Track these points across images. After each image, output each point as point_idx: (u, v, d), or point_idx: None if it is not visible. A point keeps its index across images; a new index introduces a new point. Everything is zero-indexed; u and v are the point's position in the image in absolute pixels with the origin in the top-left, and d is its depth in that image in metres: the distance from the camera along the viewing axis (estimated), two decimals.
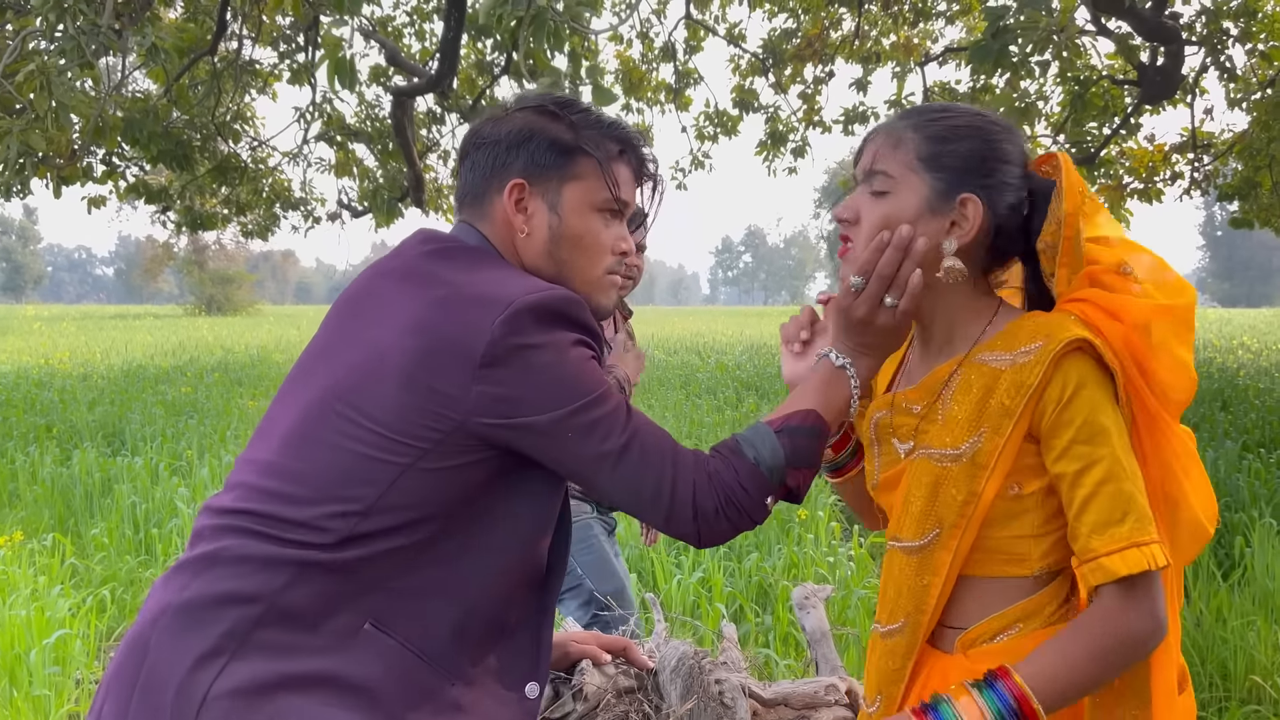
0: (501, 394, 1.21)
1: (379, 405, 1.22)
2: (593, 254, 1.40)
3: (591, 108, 1.42)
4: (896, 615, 1.34)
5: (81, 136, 6.38)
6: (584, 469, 1.26)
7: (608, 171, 1.38)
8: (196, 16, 9.83)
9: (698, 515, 1.25)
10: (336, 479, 1.22)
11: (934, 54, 11.81)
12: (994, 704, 1.15)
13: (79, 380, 11.69)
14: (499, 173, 1.37)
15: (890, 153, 1.30)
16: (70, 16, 5.69)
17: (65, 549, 4.51)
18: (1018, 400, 1.22)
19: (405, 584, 1.23)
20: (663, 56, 11.81)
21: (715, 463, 1.28)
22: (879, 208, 1.29)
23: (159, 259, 55.77)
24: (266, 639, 1.17)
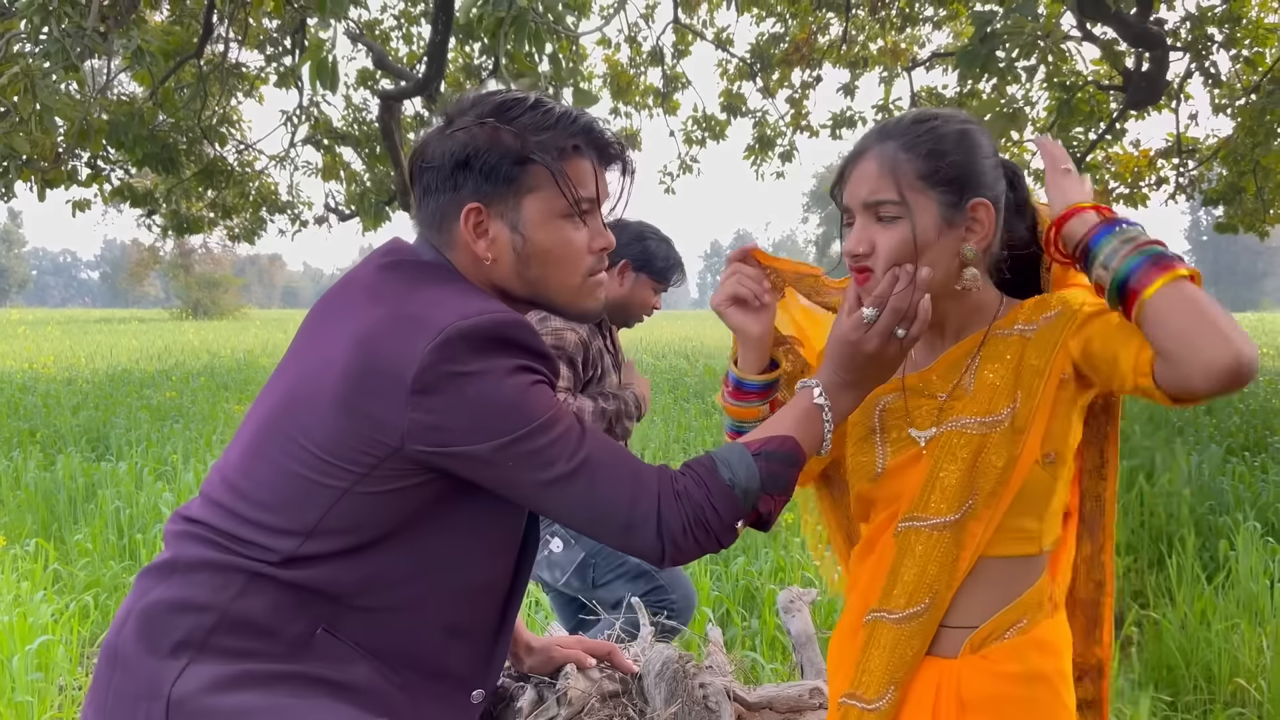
0: (435, 423, 1.16)
1: (317, 427, 1.20)
2: (567, 264, 1.33)
3: (537, 101, 1.31)
4: (918, 598, 1.34)
5: (66, 139, 6.34)
6: (529, 496, 1.22)
7: (562, 177, 1.29)
8: (183, 19, 9.79)
9: (661, 532, 1.20)
10: (278, 501, 1.21)
11: (921, 59, 11.86)
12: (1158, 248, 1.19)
13: (63, 384, 11.62)
14: (452, 199, 1.29)
15: (889, 179, 1.31)
16: (55, 19, 5.67)
17: (49, 555, 4.47)
18: (1045, 358, 1.30)
19: (356, 600, 1.23)
20: (651, 60, 11.83)
21: (686, 481, 1.23)
22: (893, 235, 1.30)
23: (145, 263, 55.54)
24: (223, 644, 1.18)
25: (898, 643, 1.36)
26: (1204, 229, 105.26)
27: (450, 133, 1.29)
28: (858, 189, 1.33)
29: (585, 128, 1.32)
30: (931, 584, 1.33)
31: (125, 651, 1.20)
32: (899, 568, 1.37)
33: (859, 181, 1.33)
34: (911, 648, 1.35)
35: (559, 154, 1.28)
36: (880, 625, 1.38)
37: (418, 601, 1.26)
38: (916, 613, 1.34)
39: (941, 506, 1.33)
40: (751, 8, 11.17)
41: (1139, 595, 4.56)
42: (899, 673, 1.36)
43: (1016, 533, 1.34)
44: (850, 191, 1.34)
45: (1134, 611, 4.18)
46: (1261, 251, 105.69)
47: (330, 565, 1.21)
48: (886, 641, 1.36)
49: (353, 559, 1.21)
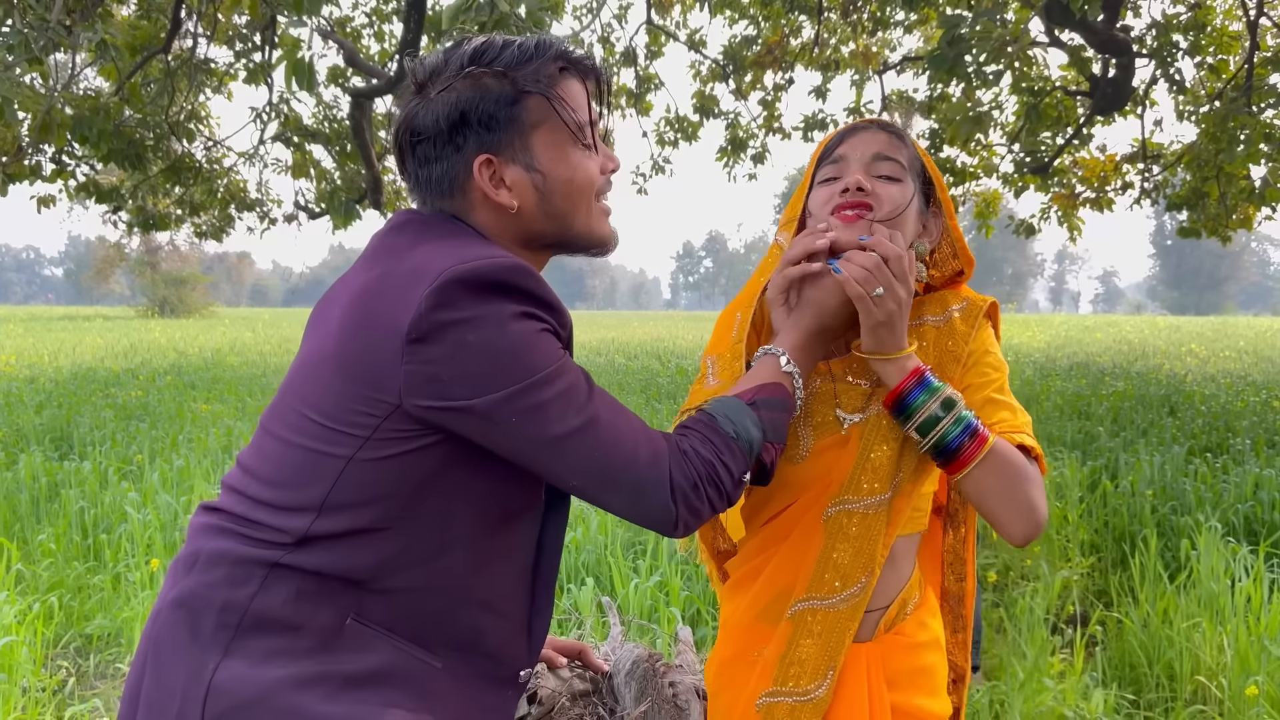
0: (432, 373, 1.11)
1: (319, 394, 1.17)
2: (585, 190, 1.28)
3: (505, 40, 1.25)
4: (851, 579, 1.36)
5: (30, 134, 6.25)
6: (533, 456, 1.15)
7: (561, 104, 1.24)
8: (150, 14, 9.67)
9: (675, 496, 1.15)
10: (285, 477, 1.18)
11: (892, 62, 11.96)
12: (967, 417, 1.31)
13: (25, 383, 11.44)
14: (458, 159, 1.23)
15: (898, 148, 1.39)
16: (18, 12, 5.59)
17: (11, 555, 4.41)
18: (962, 346, 1.41)
19: (378, 583, 1.19)
20: (624, 61, 11.83)
21: (691, 438, 1.19)
22: (894, 190, 1.37)
23: (110, 260, 54.84)
24: (251, 646, 1.15)
25: (834, 626, 1.36)
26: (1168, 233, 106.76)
27: (434, 96, 1.23)
28: (867, 145, 1.39)
29: (561, 51, 1.27)
30: (868, 563, 1.36)
31: (165, 640, 1.18)
32: (830, 551, 1.37)
33: (868, 141, 1.39)
34: (849, 629, 1.37)
35: (549, 81, 1.24)
36: (811, 613, 1.37)
37: (441, 580, 1.21)
38: (853, 594, 1.36)
39: (875, 486, 1.36)
40: (724, 10, 11.22)
41: (1102, 595, 4.62)
42: (837, 656, 1.36)
43: (916, 511, 1.44)
44: (855, 147, 1.39)
45: (1097, 611, 4.23)
46: (1224, 256, 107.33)
47: (345, 546, 1.16)
48: (821, 628, 1.36)
49: (367, 539, 1.16)
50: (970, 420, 1.30)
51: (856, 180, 1.35)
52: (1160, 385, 11.06)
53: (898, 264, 1.28)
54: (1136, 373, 12.76)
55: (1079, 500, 5.52)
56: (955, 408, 1.31)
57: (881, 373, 1.34)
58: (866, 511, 1.37)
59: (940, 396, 1.31)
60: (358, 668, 1.17)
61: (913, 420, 1.32)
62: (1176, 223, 11.62)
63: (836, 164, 1.40)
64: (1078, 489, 5.60)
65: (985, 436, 1.30)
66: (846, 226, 1.33)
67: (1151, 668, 3.63)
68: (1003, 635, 4.06)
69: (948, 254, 1.52)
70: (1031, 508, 1.29)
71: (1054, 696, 3.28)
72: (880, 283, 1.27)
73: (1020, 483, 1.29)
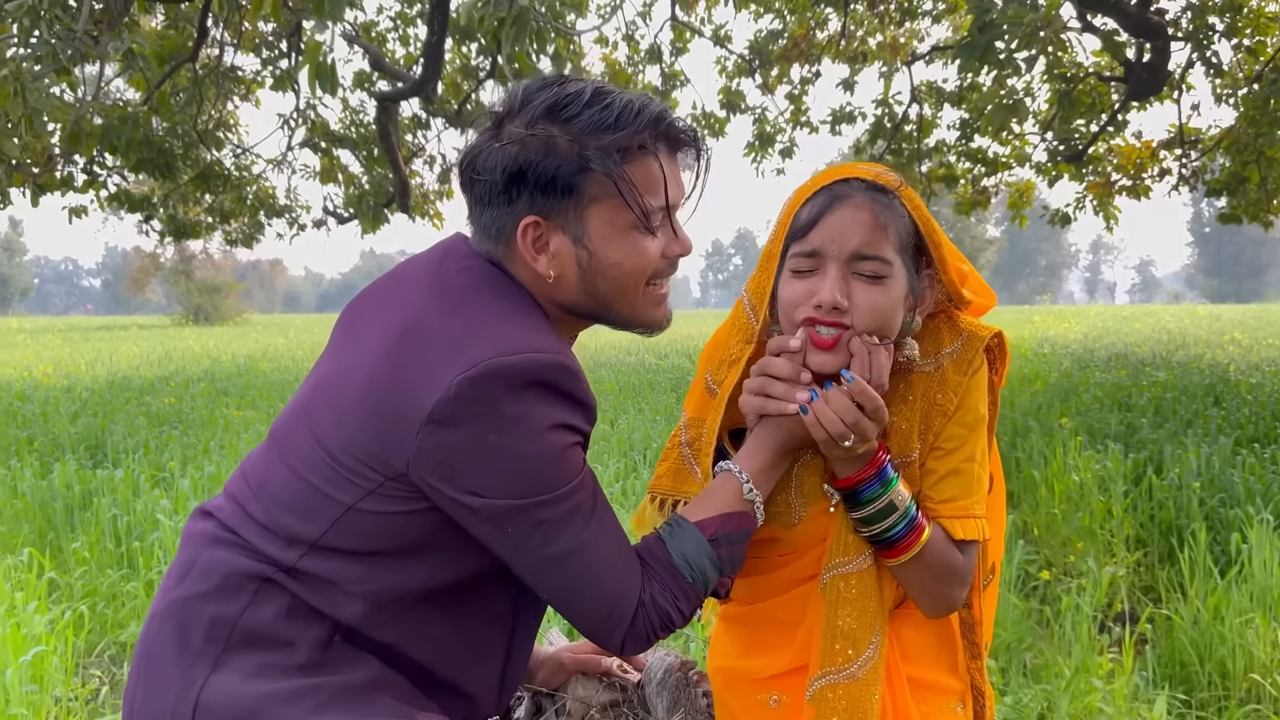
0: (444, 458, 1.08)
1: (334, 431, 1.14)
2: (634, 278, 1.21)
3: (595, 95, 1.16)
4: (863, 643, 1.30)
5: (60, 144, 6.30)
6: (514, 560, 1.15)
7: (628, 187, 1.16)
8: (178, 23, 9.74)
9: (627, 641, 1.19)
10: (287, 507, 1.17)
11: (920, 53, 11.80)
12: (911, 511, 1.29)
13: (62, 392, 11.56)
14: (508, 211, 1.17)
15: (883, 235, 1.25)
16: (45, 23, 5.62)
17: (43, 564, 4.42)
18: (951, 399, 1.32)
19: (363, 619, 1.18)
20: (649, 59, 11.78)
21: (652, 586, 1.19)
22: (877, 294, 1.24)
23: (146, 269, 55.55)
24: (240, 661, 1.13)
25: (858, 699, 1.29)
26: (1207, 220, 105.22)
27: (502, 145, 1.16)
28: (846, 236, 1.24)
29: (651, 120, 1.17)
30: (874, 620, 1.31)
31: (155, 651, 1.18)
32: (835, 620, 1.32)
33: (849, 227, 1.24)
34: (873, 696, 1.30)
35: (622, 156, 1.15)
36: (831, 689, 1.30)
37: (420, 630, 1.21)
38: (869, 657, 1.30)
39: (864, 545, 1.33)
40: (749, 4, 11.13)
41: (1150, 591, 4.50)
42: None
43: None
44: (831, 236, 1.24)
45: (1146, 608, 4.12)
46: (1265, 242, 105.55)
47: (328, 591, 1.16)
48: (845, 703, 1.29)
49: (350, 589, 1.16)
50: (913, 514, 1.28)
51: (832, 299, 1.22)
52: (1203, 375, 10.83)
53: (876, 414, 1.22)
54: (1178, 362, 12.52)
55: (1123, 494, 5.38)
56: (903, 503, 1.28)
57: (835, 465, 1.29)
58: (861, 570, 1.32)
59: (892, 493, 1.28)
60: (348, 679, 1.15)
61: (861, 510, 1.28)
62: (1215, 209, 11.39)
63: (811, 257, 1.25)
64: (1122, 482, 5.46)
65: (921, 530, 1.29)
66: (823, 354, 1.24)
67: (1203, 666, 3.51)
68: (1048, 634, 3.96)
69: (942, 298, 1.39)
70: (947, 600, 1.33)
71: (1103, 697, 3.17)
72: (854, 435, 1.22)
73: (941, 579, 1.31)
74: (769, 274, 1.33)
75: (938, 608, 1.34)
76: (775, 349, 1.28)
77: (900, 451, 1.34)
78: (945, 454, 1.33)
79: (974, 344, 1.33)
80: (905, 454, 1.34)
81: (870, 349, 1.23)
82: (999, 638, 3.83)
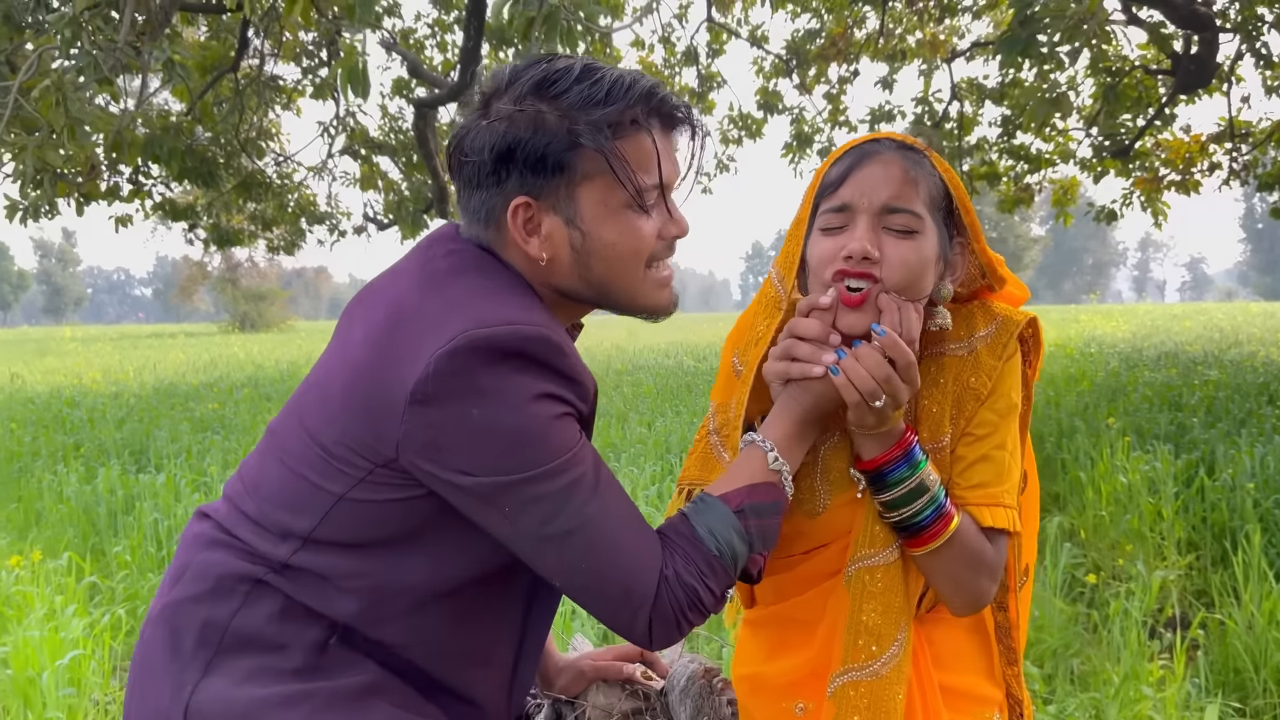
0: (431, 438, 1.03)
1: (324, 423, 1.12)
2: (631, 259, 1.16)
3: (585, 70, 1.12)
4: (887, 639, 1.25)
5: (104, 153, 6.39)
6: (518, 545, 1.08)
7: (620, 163, 1.11)
8: (219, 34, 9.88)
9: (654, 626, 1.09)
10: (279, 501, 1.14)
11: (961, 49, 11.64)
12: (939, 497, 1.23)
13: (110, 399, 11.75)
14: (497, 193, 1.13)
15: (914, 189, 1.22)
16: (86, 34, 5.70)
17: (83, 568, 4.46)
18: (985, 383, 1.28)
19: (360, 616, 1.14)
20: (685, 60, 11.74)
21: (676, 561, 1.10)
22: (909, 247, 1.21)
23: (194, 278, 56.51)
24: (232, 665, 1.11)
25: (880, 697, 1.24)
26: (1259, 216, 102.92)
27: (489, 122, 1.12)
28: (876, 188, 1.21)
29: (643, 95, 1.13)
30: (899, 615, 1.26)
31: (148, 657, 1.16)
32: (859, 614, 1.26)
33: (879, 181, 1.22)
34: (897, 695, 1.25)
35: (614, 131, 1.11)
36: (853, 687, 1.25)
37: (420, 634, 1.16)
38: (893, 654, 1.25)
39: (890, 537, 1.27)
40: (786, 4, 11.05)
41: (1202, 595, 4.37)
42: None
43: None
44: (861, 189, 1.22)
45: (1199, 613, 4.00)
46: None
47: (325, 587, 1.12)
48: (866, 701, 1.24)
49: (346, 585, 1.12)
50: (941, 500, 1.23)
51: (862, 249, 1.19)
52: (1257, 373, 10.55)
53: (907, 370, 1.17)
54: (1230, 361, 12.20)
55: (1174, 495, 5.23)
56: (932, 486, 1.22)
57: (860, 446, 1.24)
58: (888, 564, 1.26)
59: (921, 474, 1.22)
60: (343, 684, 1.11)
61: (887, 493, 1.22)
62: (1268, 204, 11.10)
63: (841, 212, 1.23)
64: (1172, 484, 5.31)
65: (950, 518, 1.23)
66: (853, 312, 1.20)
67: (1258, 672, 3.38)
68: (1096, 640, 3.85)
69: (975, 275, 1.36)
70: (976, 595, 1.26)
71: (1153, 705, 3.07)
72: (886, 393, 1.16)
73: (970, 571, 1.24)
74: (797, 241, 1.31)
75: (966, 603, 1.27)
76: (805, 308, 1.23)
77: (932, 436, 1.29)
78: (976, 440, 1.28)
79: (1008, 328, 1.29)
80: (937, 439, 1.29)
81: (900, 304, 1.19)
82: (1044, 644, 3.73)
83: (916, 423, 1.30)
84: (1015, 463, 1.29)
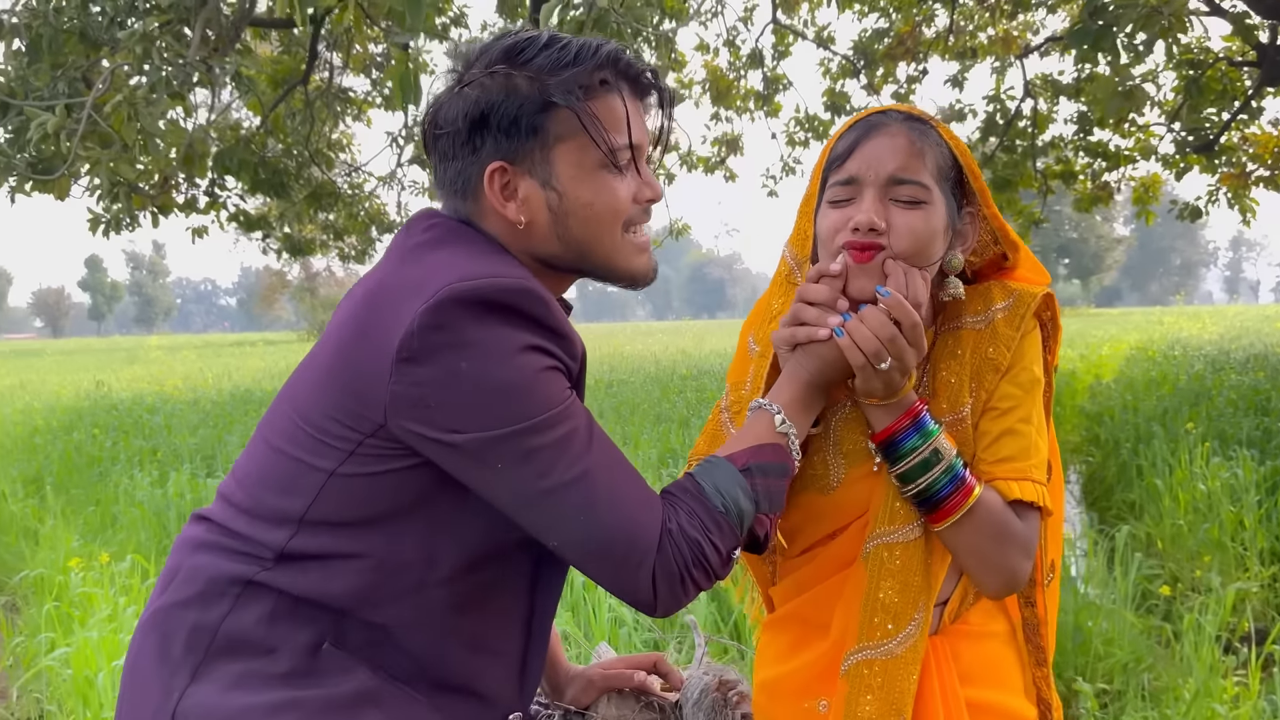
0: (419, 397, 1.02)
1: (311, 401, 1.10)
2: (608, 220, 1.16)
3: (552, 38, 1.14)
4: (904, 619, 1.22)
5: (177, 165, 6.56)
6: (513, 505, 1.05)
7: (591, 120, 1.12)
8: (291, 49, 10.10)
9: (657, 578, 1.04)
10: (270, 485, 1.12)
11: (1034, 45, 11.35)
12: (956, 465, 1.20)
13: (188, 405, 12.08)
14: (473, 161, 1.14)
15: (920, 161, 1.23)
16: (157, 51, 5.86)
17: (148, 570, 4.56)
18: (1003, 353, 1.27)
19: (358, 612, 1.10)
20: (750, 63, 11.65)
21: (679, 515, 1.06)
22: (914, 220, 1.22)
23: (275, 288, 57.98)
24: (220, 670, 1.08)
25: (894, 676, 1.22)
26: None
27: (460, 90, 1.14)
28: (883, 160, 1.22)
29: (610, 58, 1.14)
30: (917, 595, 1.23)
31: (138, 663, 1.15)
32: (876, 591, 1.24)
33: (885, 153, 1.22)
34: (911, 676, 1.22)
35: (584, 93, 1.12)
36: (867, 665, 1.23)
37: (423, 616, 1.13)
38: (909, 634, 1.22)
39: (911, 514, 1.24)
40: (853, 4, 10.90)
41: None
42: (904, 709, 1.22)
43: None
44: (867, 161, 1.23)
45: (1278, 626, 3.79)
46: None
47: (322, 570, 1.09)
48: (880, 680, 1.22)
49: (344, 565, 1.09)
50: (959, 470, 1.20)
51: (869, 220, 1.20)
52: None
53: (913, 331, 1.15)
54: None
55: (1257, 504, 5.00)
56: (946, 454, 1.19)
57: (871, 417, 1.22)
58: (907, 541, 1.23)
59: (933, 442, 1.19)
60: (335, 692, 1.07)
61: (900, 464, 1.19)
62: None
63: (848, 185, 1.24)
64: (1255, 492, 5.07)
65: (970, 489, 1.20)
66: (859, 269, 1.20)
67: None
68: (1168, 654, 3.68)
69: (988, 241, 1.37)
70: (1009, 572, 1.22)
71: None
72: (891, 354, 1.14)
73: (998, 545, 1.21)
74: (808, 217, 1.32)
75: (1000, 582, 1.22)
76: (814, 275, 1.22)
77: (951, 407, 1.27)
78: (1000, 414, 1.26)
79: (1025, 300, 1.29)
80: (956, 410, 1.27)
81: (905, 269, 1.19)
82: (1114, 657, 3.59)
83: (934, 395, 1.28)
84: (1042, 440, 1.27)
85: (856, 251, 1.20)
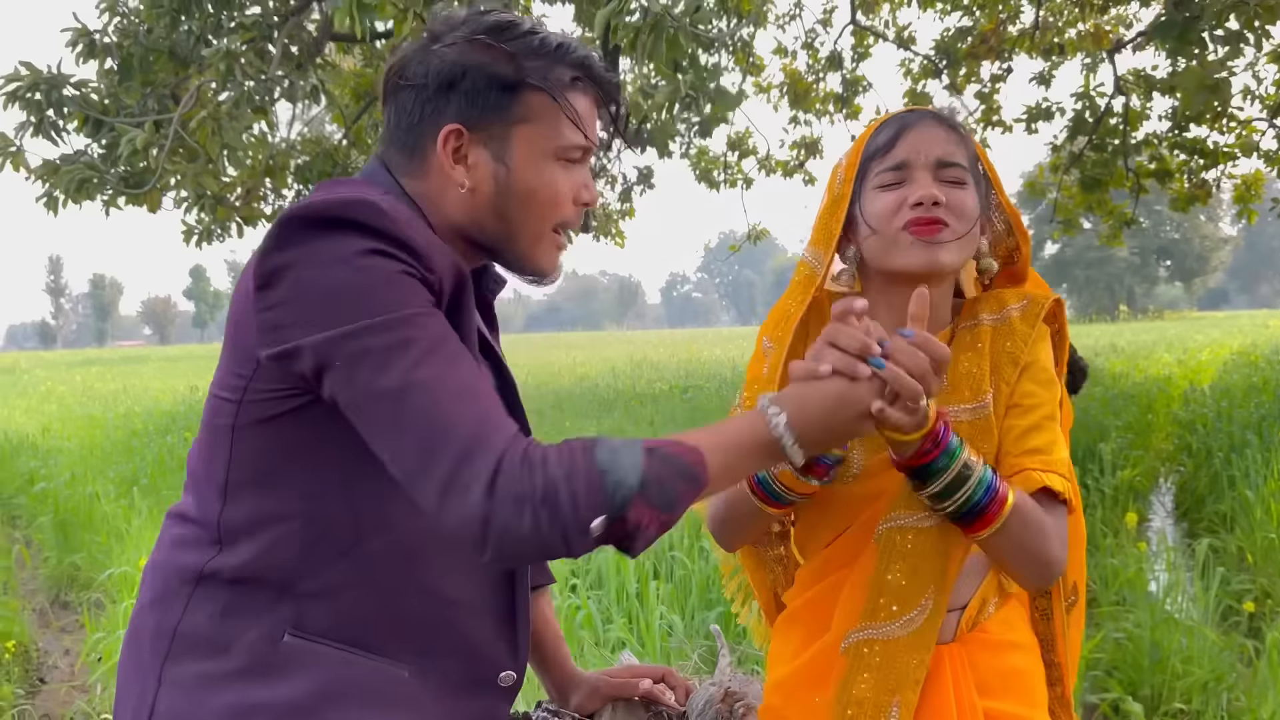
0: (274, 319, 1.01)
1: (220, 368, 1.12)
2: (547, 209, 1.17)
3: (538, 28, 1.16)
4: (910, 602, 1.22)
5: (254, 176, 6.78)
6: (356, 412, 0.99)
7: (568, 109, 1.15)
8: (372, 62, 10.34)
9: (490, 500, 0.92)
10: (201, 460, 1.13)
11: (1126, 40, 10.97)
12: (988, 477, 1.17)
13: None
14: (430, 119, 1.14)
15: (961, 148, 1.29)
16: (240, 68, 6.06)
17: None
18: (1021, 347, 1.29)
19: (304, 582, 1.08)
20: (829, 66, 11.52)
21: (549, 450, 0.97)
22: (965, 197, 1.27)
23: None
24: (181, 671, 1.08)
25: (894, 657, 1.21)
26: None
27: (436, 49, 1.15)
28: (930, 146, 1.27)
29: (584, 60, 1.17)
30: (926, 581, 1.23)
31: (121, 670, 1.17)
32: (884, 573, 1.24)
33: (930, 140, 1.27)
34: (912, 661, 1.21)
35: (557, 86, 1.15)
36: (868, 644, 1.23)
37: (372, 569, 1.09)
38: (914, 618, 1.21)
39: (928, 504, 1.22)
40: (935, 3, 10.70)
41: None
42: (902, 691, 1.21)
43: None
44: (916, 146, 1.27)
45: None
46: None
47: (258, 541, 1.07)
48: (880, 659, 1.22)
49: (277, 529, 1.07)
50: (990, 480, 1.17)
51: (931, 194, 1.23)
52: None
53: (943, 366, 1.08)
54: None
55: None
56: (975, 467, 1.17)
57: (894, 445, 1.14)
58: (921, 527, 1.21)
59: (962, 458, 1.15)
60: (294, 697, 1.05)
61: (932, 485, 1.15)
62: None
63: (898, 170, 1.27)
64: None
65: (1005, 496, 1.17)
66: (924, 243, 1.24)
67: None
68: (1252, 673, 3.51)
69: (1002, 233, 1.41)
70: (1046, 563, 1.21)
71: None
72: (929, 394, 1.07)
73: (1036, 540, 1.19)
74: (837, 217, 1.33)
75: (1041, 574, 1.22)
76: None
77: (974, 395, 1.28)
78: (1025, 410, 1.28)
79: (1038, 301, 1.34)
80: (979, 398, 1.28)
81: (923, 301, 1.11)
82: (1192, 675, 3.43)
83: (954, 386, 1.29)
84: (1064, 442, 1.29)
85: (921, 227, 1.23)
